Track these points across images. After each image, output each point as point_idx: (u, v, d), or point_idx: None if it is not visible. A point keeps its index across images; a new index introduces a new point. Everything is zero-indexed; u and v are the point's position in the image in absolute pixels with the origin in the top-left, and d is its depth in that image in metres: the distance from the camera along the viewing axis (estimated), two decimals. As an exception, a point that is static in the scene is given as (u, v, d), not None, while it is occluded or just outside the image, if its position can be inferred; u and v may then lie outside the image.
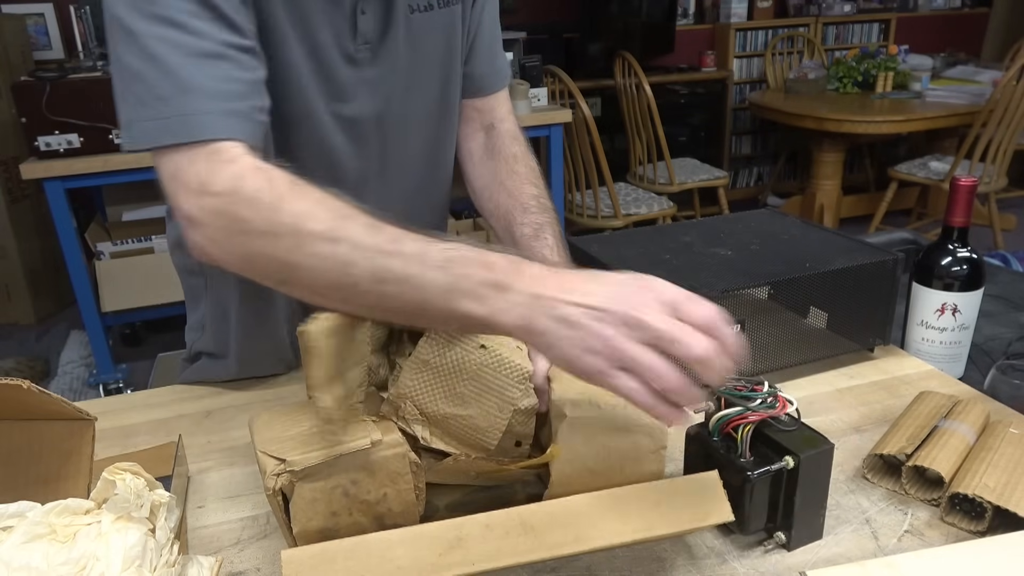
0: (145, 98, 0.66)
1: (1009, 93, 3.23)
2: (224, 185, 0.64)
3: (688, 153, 4.29)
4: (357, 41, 0.82)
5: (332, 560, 0.52)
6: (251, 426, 0.65)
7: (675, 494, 0.59)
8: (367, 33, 0.82)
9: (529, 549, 0.54)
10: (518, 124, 1.03)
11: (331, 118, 0.85)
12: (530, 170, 0.96)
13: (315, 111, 0.83)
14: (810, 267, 0.90)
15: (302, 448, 0.59)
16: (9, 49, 3.20)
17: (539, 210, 0.91)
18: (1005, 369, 0.88)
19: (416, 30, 0.86)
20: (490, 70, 1.00)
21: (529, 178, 0.95)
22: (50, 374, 2.96)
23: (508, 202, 0.93)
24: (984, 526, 0.67)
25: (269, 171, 0.64)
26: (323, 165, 0.86)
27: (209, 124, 0.66)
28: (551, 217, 0.91)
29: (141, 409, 0.94)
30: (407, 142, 0.92)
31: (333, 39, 0.81)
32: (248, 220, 0.62)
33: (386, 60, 0.85)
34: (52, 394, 0.59)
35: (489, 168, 0.98)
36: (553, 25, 4.35)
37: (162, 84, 0.66)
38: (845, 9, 4.78)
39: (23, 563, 0.50)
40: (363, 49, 0.83)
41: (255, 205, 0.62)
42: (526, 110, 2.91)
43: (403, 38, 0.85)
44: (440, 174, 0.99)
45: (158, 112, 0.65)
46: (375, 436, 0.60)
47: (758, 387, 0.66)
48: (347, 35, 0.81)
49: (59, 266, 2.91)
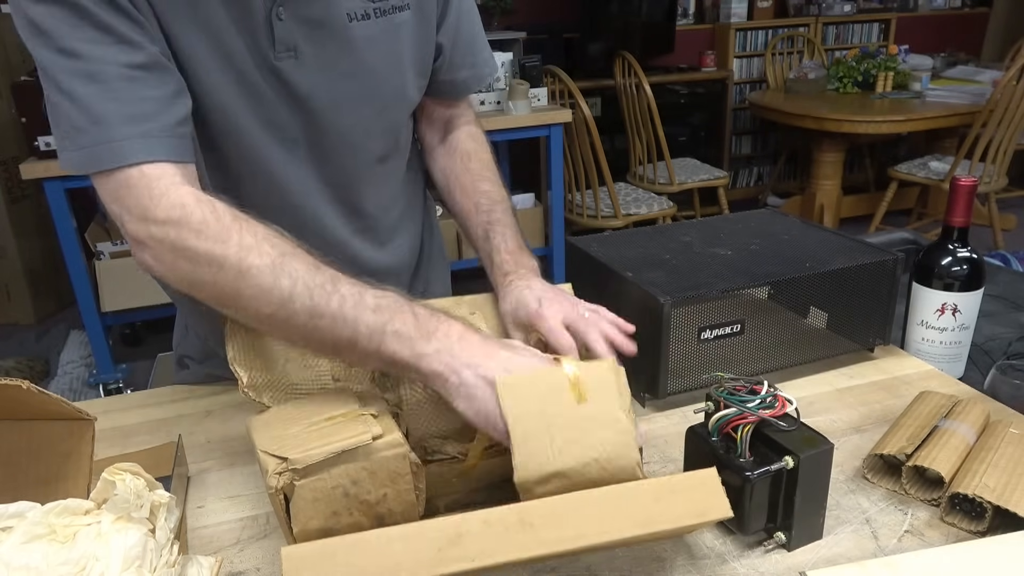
0: (66, 129, 0.70)
1: (1009, 93, 3.23)
2: (167, 214, 0.68)
3: (688, 153, 4.29)
4: (277, 49, 0.78)
5: (332, 556, 0.52)
6: (249, 427, 0.65)
7: (674, 491, 0.58)
8: (288, 41, 0.78)
9: (528, 545, 0.54)
10: (476, 118, 1.03)
11: (261, 131, 0.82)
12: (483, 165, 0.96)
13: (240, 124, 0.81)
14: (810, 267, 0.90)
15: (302, 446, 0.59)
16: (9, 49, 3.20)
17: (488, 207, 0.91)
18: (1005, 369, 0.88)
19: (355, 39, 0.82)
20: (468, 75, 0.98)
21: (482, 173, 0.95)
22: (50, 374, 2.96)
23: (462, 201, 0.94)
24: (984, 526, 0.67)
25: (212, 202, 0.69)
26: (263, 180, 0.86)
27: (128, 150, 0.69)
28: (500, 209, 0.91)
29: (141, 409, 0.94)
30: (350, 156, 0.90)
31: (249, 48, 0.77)
32: (194, 249, 0.67)
33: (316, 71, 0.81)
34: (52, 394, 0.59)
35: (447, 166, 0.98)
36: (553, 25, 4.35)
37: (76, 116, 0.69)
38: (845, 9, 4.78)
39: (23, 563, 0.50)
40: (285, 57, 0.79)
41: (201, 236, 0.67)
42: (526, 110, 2.91)
43: (340, 47, 0.82)
44: (390, 188, 0.98)
45: (78, 143, 0.70)
46: (375, 430, 0.60)
47: (758, 387, 0.66)
48: (265, 43, 0.78)
49: (59, 266, 2.91)
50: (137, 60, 0.70)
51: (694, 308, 0.84)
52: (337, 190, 0.91)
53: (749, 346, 0.89)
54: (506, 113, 2.92)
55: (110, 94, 0.69)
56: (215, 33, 0.76)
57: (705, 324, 0.85)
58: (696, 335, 0.85)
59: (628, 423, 0.60)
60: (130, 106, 0.70)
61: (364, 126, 0.89)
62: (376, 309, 0.66)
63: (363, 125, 0.88)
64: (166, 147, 0.71)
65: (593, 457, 0.59)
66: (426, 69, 0.93)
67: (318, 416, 0.63)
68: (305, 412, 0.65)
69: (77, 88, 0.68)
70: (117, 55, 0.69)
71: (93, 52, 0.68)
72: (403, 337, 0.65)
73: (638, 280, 0.86)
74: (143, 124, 0.70)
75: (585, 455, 0.59)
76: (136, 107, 0.70)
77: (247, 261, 0.66)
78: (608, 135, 3.89)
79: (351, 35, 0.82)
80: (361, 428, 0.60)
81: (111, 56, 0.69)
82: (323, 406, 0.65)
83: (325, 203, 0.91)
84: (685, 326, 0.84)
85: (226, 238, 0.67)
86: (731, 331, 0.87)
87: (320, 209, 0.90)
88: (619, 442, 0.59)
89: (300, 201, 0.89)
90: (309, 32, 0.79)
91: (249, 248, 0.67)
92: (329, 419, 0.63)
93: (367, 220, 0.96)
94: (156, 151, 0.70)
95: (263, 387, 0.71)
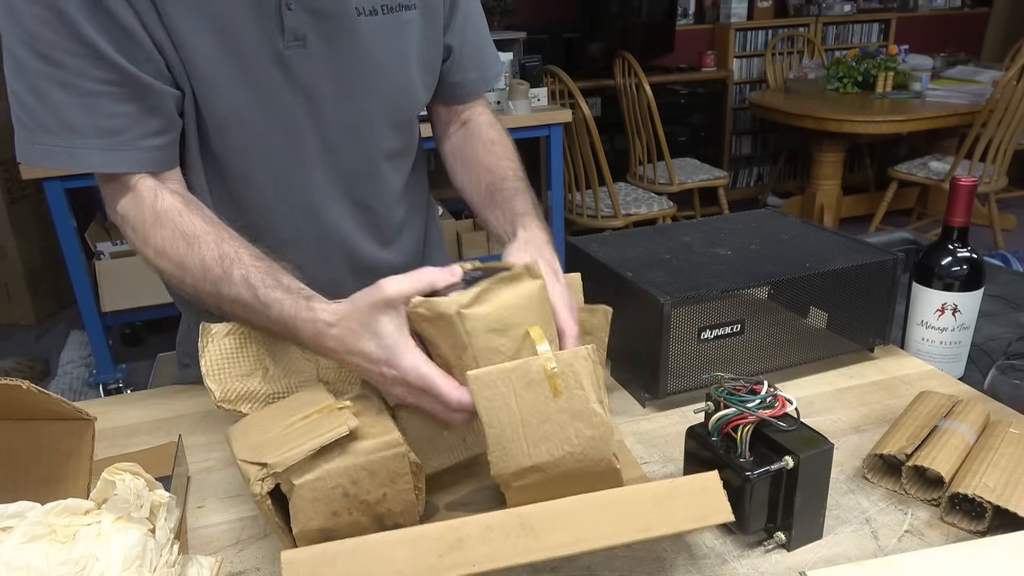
0: (29, 124, 0.74)
1: (1009, 93, 3.23)
2: (119, 211, 0.79)
3: (688, 153, 4.29)
4: (287, 38, 0.79)
5: (332, 561, 0.52)
6: (228, 437, 0.65)
7: (675, 494, 0.58)
8: (298, 30, 0.80)
9: (529, 550, 0.54)
10: (492, 113, 1.04)
11: (266, 121, 0.83)
12: (506, 149, 0.97)
13: (245, 115, 0.82)
14: (810, 267, 0.90)
15: (279, 449, 0.58)
16: (9, 49, 3.20)
17: (515, 179, 0.91)
18: (1005, 369, 0.88)
19: (363, 34, 0.83)
20: (476, 76, 0.99)
21: (506, 155, 0.96)
22: (50, 374, 2.96)
23: (487, 177, 0.93)
24: (984, 526, 0.67)
25: (142, 204, 0.77)
26: (269, 173, 0.87)
27: (91, 160, 0.75)
28: (526, 185, 0.91)
29: (141, 409, 0.94)
30: (356, 150, 0.90)
31: (259, 38, 0.78)
32: (132, 243, 0.79)
33: (323, 61, 0.82)
34: (52, 394, 0.59)
35: (468, 155, 0.98)
36: (553, 25, 4.35)
37: (45, 116, 0.73)
38: (845, 9, 4.78)
39: (23, 563, 0.50)
40: (294, 47, 0.80)
41: (134, 235, 0.78)
42: (526, 110, 2.91)
43: (347, 40, 0.83)
44: (396, 186, 0.98)
45: (43, 140, 0.74)
46: (352, 423, 0.59)
47: (758, 387, 0.66)
48: (275, 33, 0.79)
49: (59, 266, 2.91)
50: (113, 77, 0.73)
51: (694, 308, 0.84)
52: (343, 185, 0.91)
53: (749, 346, 0.89)
54: (506, 113, 2.92)
55: (83, 105, 0.73)
56: (223, 25, 0.77)
57: (705, 324, 0.85)
58: (696, 335, 0.85)
59: (604, 415, 0.59)
60: (100, 119, 0.74)
61: (370, 119, 0.89)
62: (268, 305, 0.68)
63: (369, 119, 0.89)
64: (134, 159, 0.76)
65: (568, 451, 0.59)
66: (434, 69, 0.94)
67: (294, 416, 0.63)
68: (281, 414, 0.64)
69: (51, 92, 0.72)
70: (94, 70, 0.72)
71: (72, 64, 0.71)
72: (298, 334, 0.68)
73: (638, 280, 0.86)
74: (110, 137, 0.75)
75: (560, 449, 0.59)
76: (105, 121, 0.74)
77: (158, 263, 0.77)
78: (608, 135, 3.89)
79: (358, 29, 0.83)
80: (337, 422, 0.59)
81: (89, 70, 0.72)
82: (298, 405, 0.65)
83: (331, 198, 0.91)
84: (685, 326, 0.84)
85: (145, 239, 0.76)
86: (731, 331, 0.87)
87: (326, 204, 0.91)
88: (595, 435, 0.59)
89: (306, 195, 0.89)
90: (317, 23, 0.81)
91: (159, 251, 0.76)
92: (305, 418, 0.62)
93: (373, 217, 0.96)
94: (117, 163, 0.76)
95: (239, 399, 0.71)
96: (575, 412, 0.59)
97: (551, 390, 0.59)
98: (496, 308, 0.62)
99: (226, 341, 0.72)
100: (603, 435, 0.59)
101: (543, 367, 0.59)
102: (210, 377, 0.71)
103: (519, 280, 0.64)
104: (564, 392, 0.59)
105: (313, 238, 0.92)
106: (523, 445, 0.59)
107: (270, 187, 0.88)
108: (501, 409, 0.59)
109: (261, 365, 0.73)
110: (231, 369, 0.71)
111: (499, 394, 0.59)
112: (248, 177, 0.86)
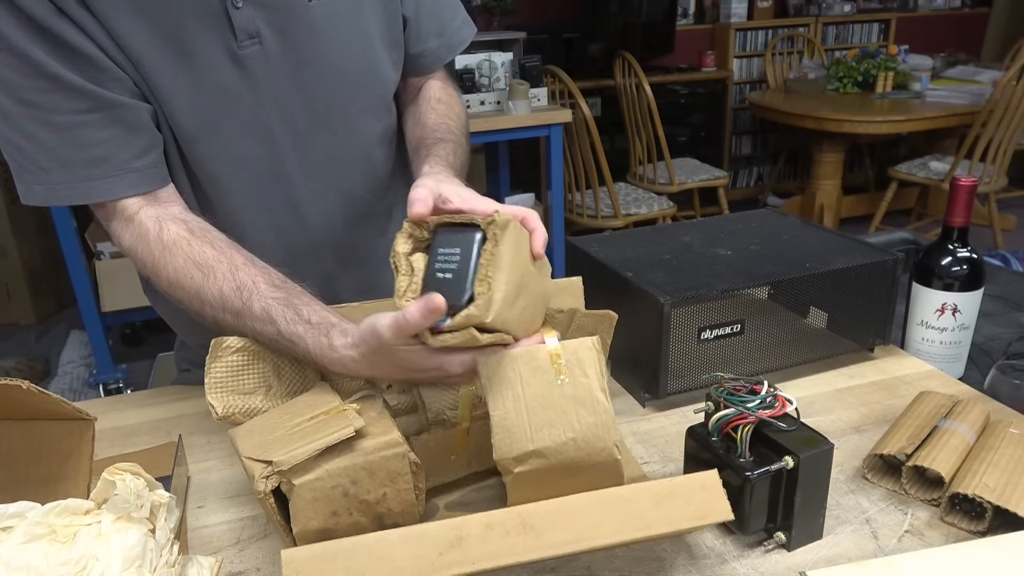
0: (27, 165, 0.75)
1: (1009, 93, 3.23)
2: (123, 244, 0.79)
3: (688, 153, 4.29)
4: (239, 38, 0.77)
5: (332, 560, 0.52)
6: (232, 437, 0.65)
7: (675, 494, 0.58)
8: (249, 28, 0.78)
9: (529, 548, 0.54)
10: (454, 84, 1.01)
11: (230, 126, 0.81)
12: (450, 109, 0.94)
13: (207, 123, 0.80)
14: (810, 267, 0.90)
15: (285, 448, 0.59)
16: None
17: (444, 131, 0.88)
18: (1005, 369, 0.88)
19: (318, 20, 0.81)
20: (438, 43, 0.95)
21: (449, 115, 0.93)
22: (50, 374, 2.96)
23: (420, 132, 0.91)
24: (984, 526, 0.67)
25: (147, 236, 0.76)
26: (244, 178, 0.85)
27: (93, 191, 0.76)
28: (456, 138, 0.88)
29: (141, 409, 0.94)
30: (332, 142, 0.88)
31: (210, 41, 0.77)
32: (141, 273, 0.81)
33: (282, 56, 0.81)
34: (52, 394, 0.59)
35: (413, 117, 0.95)
36: (553, 25, 4.35)
37: (39, 156, 0.74)
38: (845, 9, 4.79)
39: (23, 563, 0.50)
40: (249, 46, 0.78)
41: (143, 268, 0.78)
42: (526, 110, 2.91)
43: (303, 30, 0.81)
44: (380, 172, 0.96)
45: (43, 179, 0.75)
46: (358, 423, 0.59)
47: (758, 387, 0.66)
48: (227, 34, 0.77)
49: (59, 266, 2.91)
50: (87, 104, 0.73)
51: (694, 308, 0.84)
52: (325, 179, 0.90)
53: (749, 346, 0.89)
54: (506, 113, 2.91)
55: (68, 140, 0.74)
56: (172, 33, 0.75)
57: (705, 324, 0.85)
58: (696, 335, 0.85)
59: (607, 403, 0.60)
60: (88, 151, 0.75)
61: (342, 108, 0.87)
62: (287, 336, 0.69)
63: (341, 108, 0.87)
64: (124, 183, 0.77)
65: (570, 437, 0.59)
66: (398, 42, 0.91)
67: (300, 417, 0.63)
68: (286, 415, 0.64)
69: (38, 132, 0.73)
70: (66, 102, 0.73)
71: (46, 101, 0.72)
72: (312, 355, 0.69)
73: (638, 280, 0.86)
74: (102, 166, 0.75)
75: (563, 434, 0.59)
76: (93, 151, 0.75)
77: (173, 294, 0.76)
78: (608, 135, 3.89)
79: (312, 16, 0.81)
80: (343, 423, 0.60)
81: (62, 104, 0.73)
82: (304, 407, 0.65)
83: (314, 194, 0.90)
84: (685, 326, 0.84)
85: (156, 272, 0.76)
86: (731, 331, 0.87)
87: (309, 201, 0.90)
88: (597, 423, 0.59)
89: (287, 195, 0.88)
90: (269, 17, 0.79)
91: (171, 283, 0.75)
92: (311, 418, 0.62)
93: (362, 207, 0.95)
94: (116, 190, 0.77)
95: (240, 415, 0.70)
96: (578, 399, 0.60)
97: (555, 375, 0.60)
98: (506, 284, 0.60)
99: (234, 358, 0.71)
100: (605, 422, 0.60)
101: (549, 352, 0.61)
102: (212, 394, 0.70)
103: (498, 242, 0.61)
104: (568, 378, 0.60)
105: (300, 237, 0.91)
106: (527, 429, 0.59)
107: (249, 192, 0.86)
108: (507, 393, 0.60)
109: (265, 383, 0.73)
110: (235, 386, 0.71)
111: (506, 379, 0.60)
112: (225, 185, 0.85)
